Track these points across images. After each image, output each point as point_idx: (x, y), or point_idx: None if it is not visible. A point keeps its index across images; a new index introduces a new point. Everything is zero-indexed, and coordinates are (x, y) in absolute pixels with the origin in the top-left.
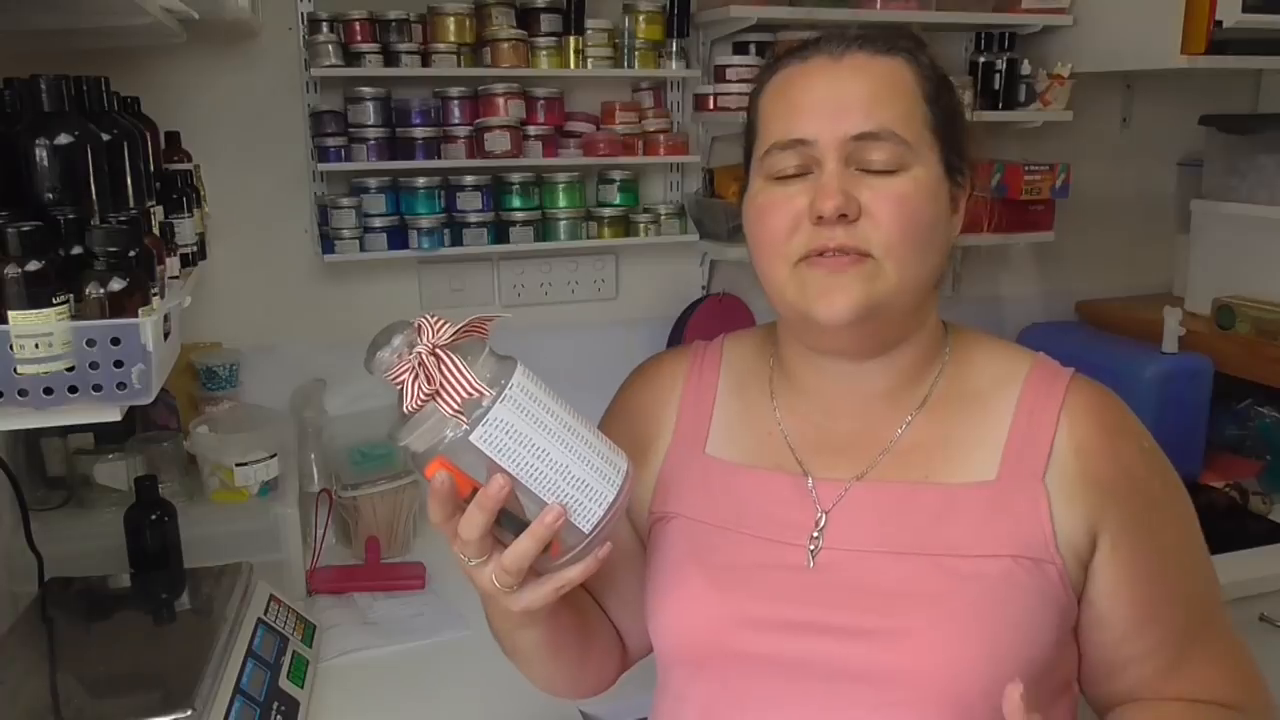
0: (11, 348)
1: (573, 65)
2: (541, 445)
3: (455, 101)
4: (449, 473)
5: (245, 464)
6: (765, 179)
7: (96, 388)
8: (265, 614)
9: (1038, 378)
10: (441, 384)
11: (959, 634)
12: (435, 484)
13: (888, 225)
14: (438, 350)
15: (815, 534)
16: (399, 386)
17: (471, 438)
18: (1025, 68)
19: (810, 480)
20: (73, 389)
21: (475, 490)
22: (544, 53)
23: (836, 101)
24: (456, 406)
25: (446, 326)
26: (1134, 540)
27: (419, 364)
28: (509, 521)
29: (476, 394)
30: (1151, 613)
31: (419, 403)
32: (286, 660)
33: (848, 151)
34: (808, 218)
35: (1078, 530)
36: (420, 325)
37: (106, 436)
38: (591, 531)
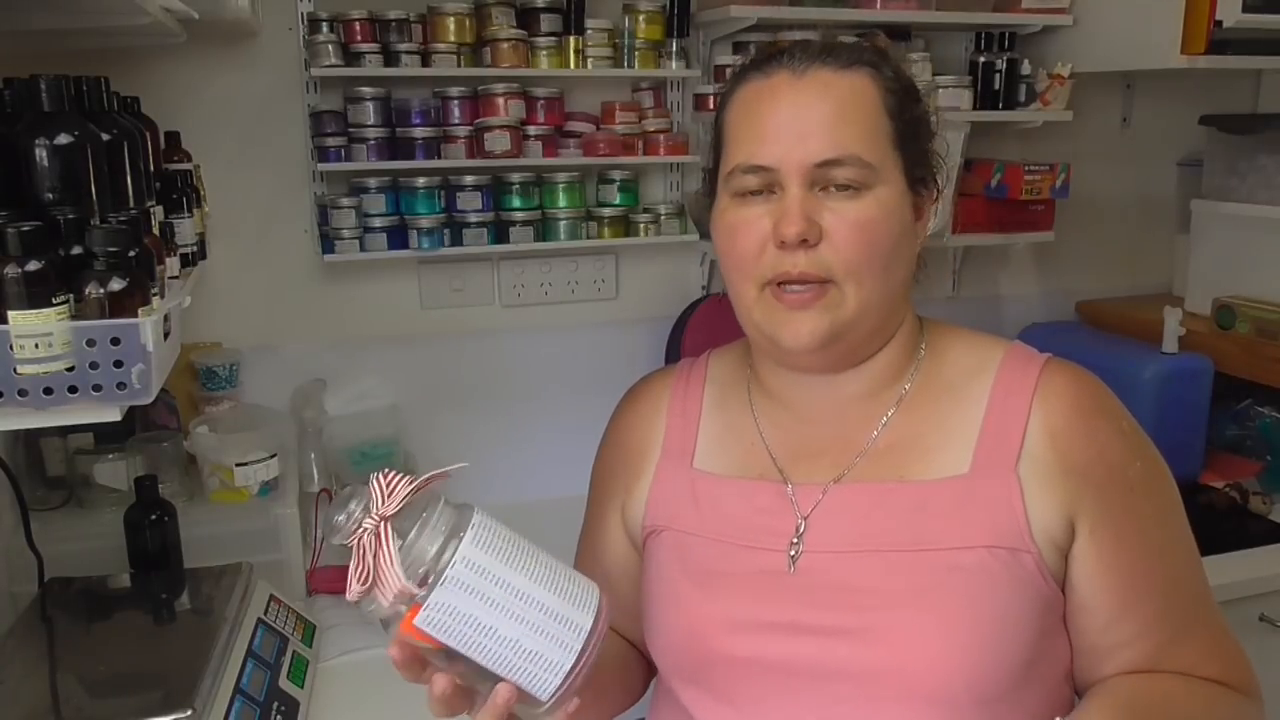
0: (11, 348)
1: (573, 65)
2: (488, 622)
3: (455, 101)
4: (400, 648)
5: (245, 464)
6: (730, 196)
7: (96, 388)
8: (265, 614)
9: (1011, 365)
10: (376, 577)
11: (937, 626)
12: (394, 659)
13: (848, 250)
14: (381, 526)
15: (795, 539)
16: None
17: (415, 622)
18: (1025, 68)
19: (790, 487)
20: (73, 389)
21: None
22: (544, 53)
23: (799, 126)
24: (390, 601)
25: (399, 488)
26: (1114, 525)
27: (360, 542)
28: (476, 668)
29: (406, 592)
30: (1136, 596)
31: (357, 596)
32: (286, 660)
33: (811, 177)
34: (772, 240)
35: (1054, 518)
36: (371, 490)
37: (106, 436)
38: (549, 699)
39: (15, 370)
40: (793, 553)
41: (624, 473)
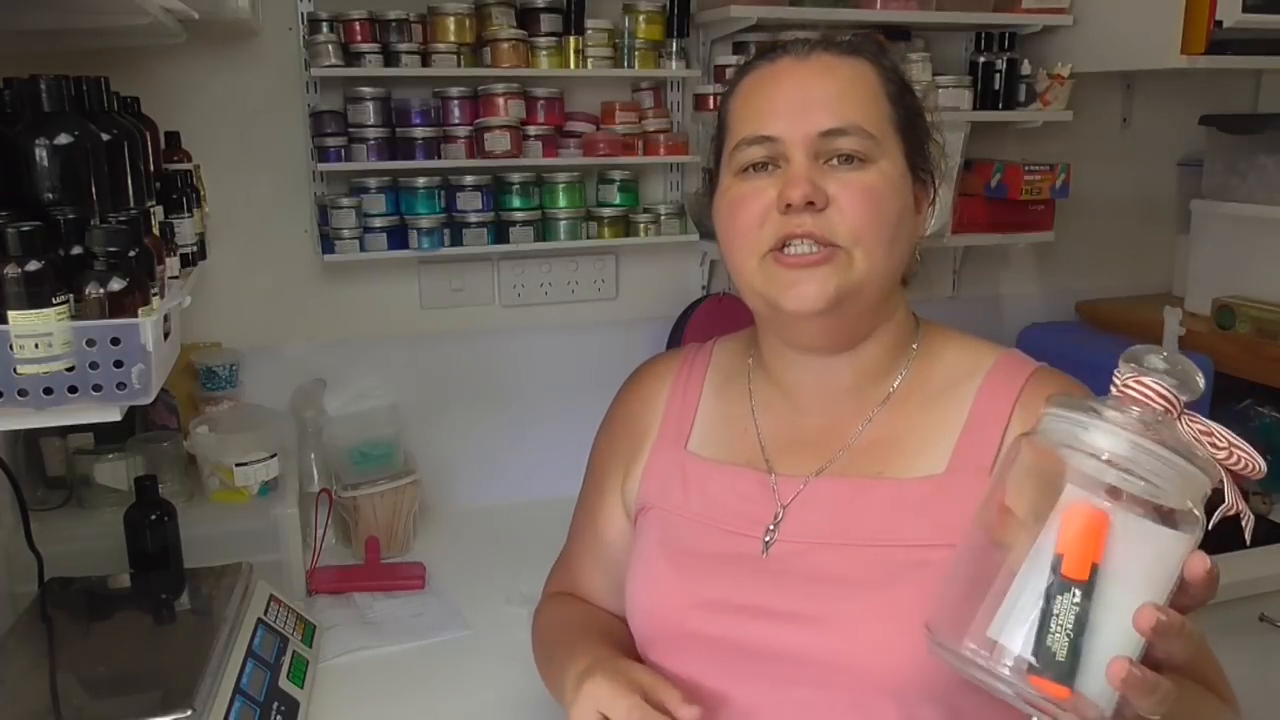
0: (11, 348)
1: (573, 65)
2: None
3: (455, 101)
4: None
5: (245, 464)
6: (734, 174)
7: (96, 388)
8: (265, 614)
9: (999, 371)
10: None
11: (893, 618)
12: None
13: (854, 215)
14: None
15: (771, 526)
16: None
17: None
18: (1025, 68)
19: (773, 477)
20: (73, 389)
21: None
22: (544, 53)
23: (803, 100)
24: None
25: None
26: None
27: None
28: None
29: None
30: None
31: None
32: (286, 660)
33: (815, 147)
34: (776, 207)
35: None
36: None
37: (106, 436)
38: None
39: (15, 370)
40: (768, 539)
41: (625, 451)
